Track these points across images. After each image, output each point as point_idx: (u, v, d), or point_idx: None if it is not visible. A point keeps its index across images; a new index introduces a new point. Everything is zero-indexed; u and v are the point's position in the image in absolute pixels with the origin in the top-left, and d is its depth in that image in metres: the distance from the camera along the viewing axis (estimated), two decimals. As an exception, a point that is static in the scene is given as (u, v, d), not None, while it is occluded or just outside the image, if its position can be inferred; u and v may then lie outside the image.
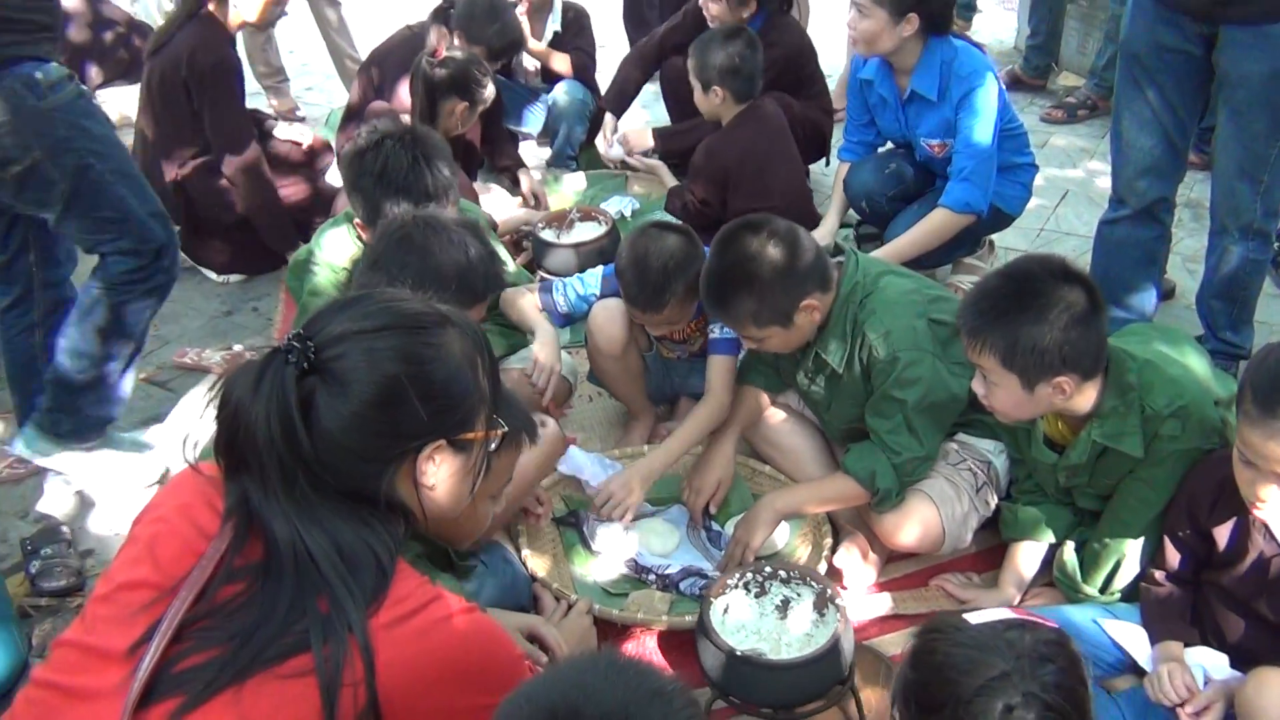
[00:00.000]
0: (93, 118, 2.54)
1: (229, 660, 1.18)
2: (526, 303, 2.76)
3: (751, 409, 2.64)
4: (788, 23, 4.06)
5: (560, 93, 4.35)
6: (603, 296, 2.75)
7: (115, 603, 1.26)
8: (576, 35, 4.44)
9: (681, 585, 2.37)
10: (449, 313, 1.38)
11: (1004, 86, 3.24)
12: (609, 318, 2.70)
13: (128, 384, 2.81)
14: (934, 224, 3.17)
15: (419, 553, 1.74)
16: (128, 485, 2.83)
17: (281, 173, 3.82)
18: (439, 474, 1.34)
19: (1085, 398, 2.06)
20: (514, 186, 4.16)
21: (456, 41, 3.70)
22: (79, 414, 2.73)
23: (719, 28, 3.64)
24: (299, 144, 3.98)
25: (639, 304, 2.54)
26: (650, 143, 3.97)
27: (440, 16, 3.85)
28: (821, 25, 5.04)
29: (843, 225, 3.68)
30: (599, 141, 4.23)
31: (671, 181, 3.87)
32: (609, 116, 4.21)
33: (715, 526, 2.54)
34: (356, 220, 2.60)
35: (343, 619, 1.19)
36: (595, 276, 2.81)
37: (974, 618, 1.44)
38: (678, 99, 4.13)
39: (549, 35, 4.42)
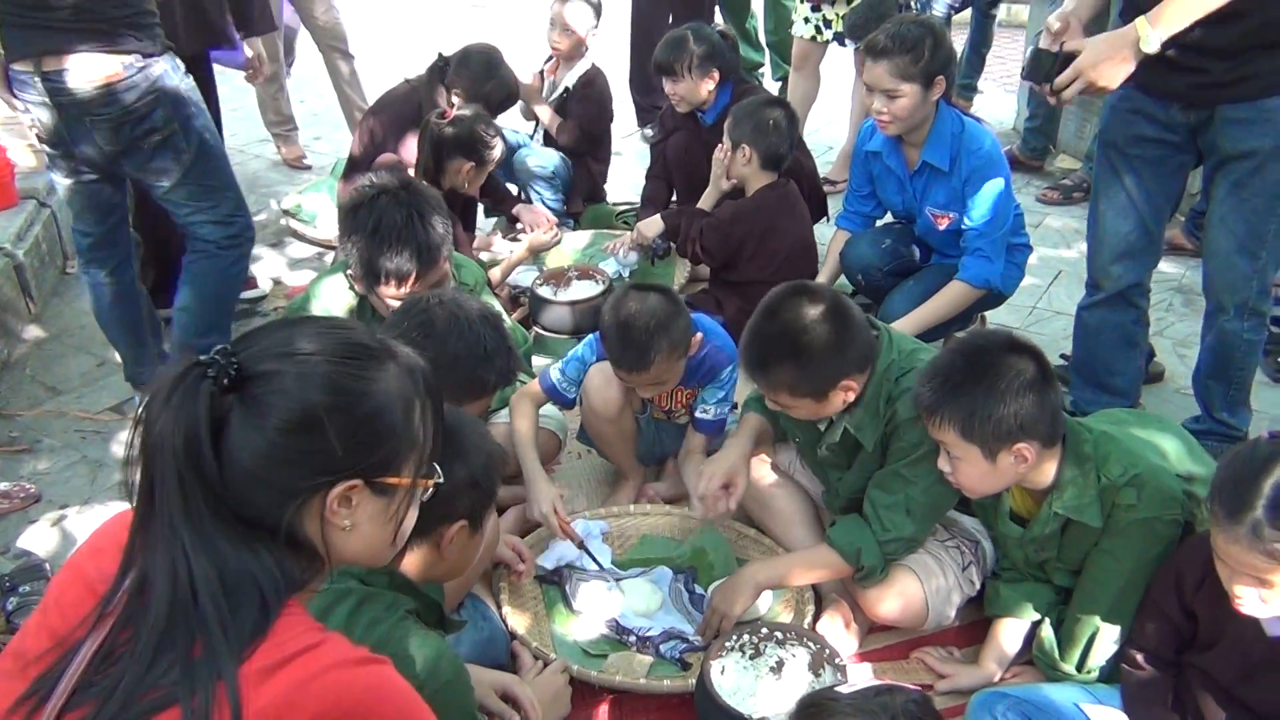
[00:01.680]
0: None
1: None
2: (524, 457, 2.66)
3: (759, 434, 2.63)
4: (756, 88, 4.18)
5: (529, 158, 4.42)
6: (597, 360, 2.75)
7: (15, 656, 1.20)
8: (581, 101, 4.52)
9: (662, 648, 2.36)
10: (396, 349, 1.30)
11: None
12: (605, 380, 2.69)
13: None
14: (950, 297, 3.21)
15: (409, 609, 1.72)
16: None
17: None
18: (354, 516, 1.24)
19: (1046, 469, 2.10)
20: (511, 226, 4.20)
21: (455, 99, 3.76)
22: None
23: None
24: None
25: (625, 364, 2.54)
26: (661, 225, 4.01)
27: (437, 73, 3.91)
28: (822, 97, 5.14)
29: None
30: (620, 245, 4.09)
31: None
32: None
33: (699, 590, 2.53)
34: (349, 272, 2.62)
35: (213, 666, 1.09)
36: (587, 345, 2.80)
37: (846, 689, 1.53)
38: (682, 173, 4.17)
39: (559, 90, 4.50)
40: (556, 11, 4.42)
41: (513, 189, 4.54)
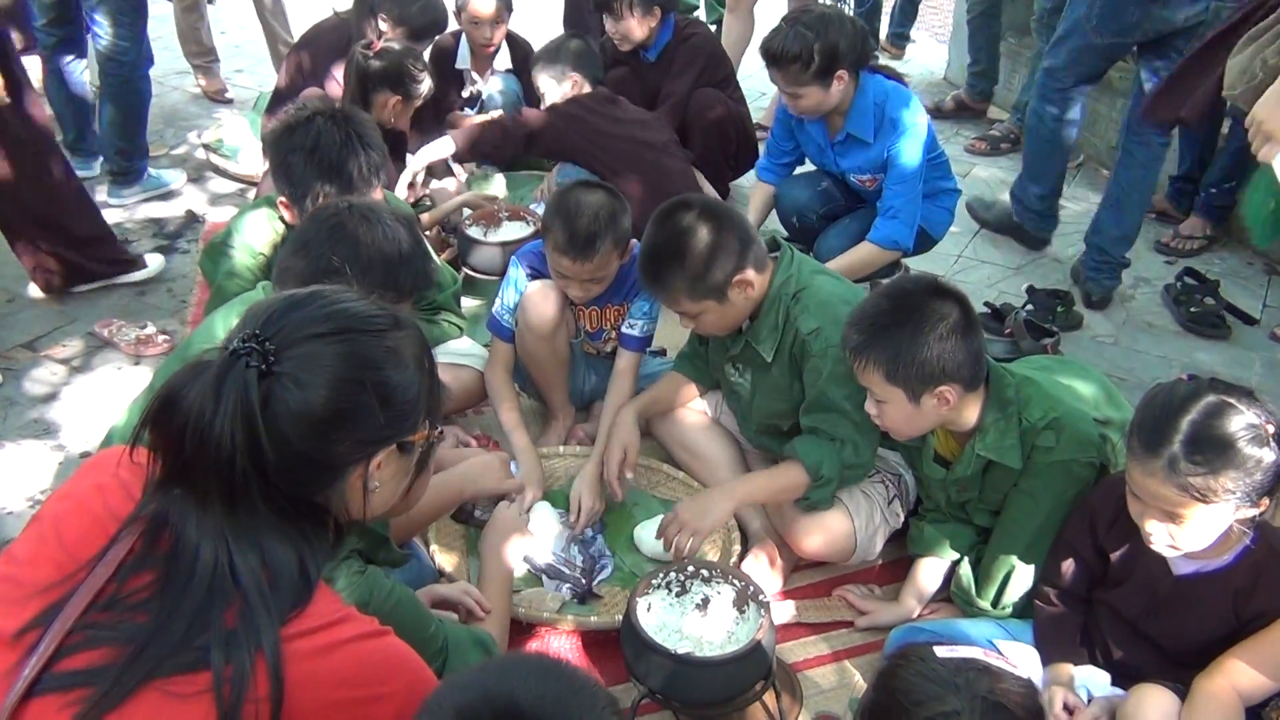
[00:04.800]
0: None
1: (120, 672, 1.10)
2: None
3: (669, 392, 2.70)
4: (697, 21, 4.18)
5: (495, 88, 4.33)
6: (528, 271, 2.75)
7: (12, 581, 1.20)
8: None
9: (545, 582, 2.39)
10: (396, 313, 1.33)
11: (947, 111, 3.32)
12: (544, 296, 2.68)
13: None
14: (860, 256, 3.24)
15: (353, 548, 1.70)
16: (26, 466, 2.75)
17: None
18: (382, 476, 1.30)
19: (969, 412, 2.15)
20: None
21: (383, 26, 3.67)
22: (140, 164, 4.20)
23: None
24: None
25: (572, 251, 2.51)
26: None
27: (365, 2, 3.80)
28: (756, 40, 5.10)
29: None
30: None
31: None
32: None
33: (591, 534, 2.54)
34: (280, 199, 2.54)
35: (252, 635, 1.13)
36: (513, 265, 2.79)
37: (944, 651, 1.47)
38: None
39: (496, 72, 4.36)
40: (485, 11, 4.09)
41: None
